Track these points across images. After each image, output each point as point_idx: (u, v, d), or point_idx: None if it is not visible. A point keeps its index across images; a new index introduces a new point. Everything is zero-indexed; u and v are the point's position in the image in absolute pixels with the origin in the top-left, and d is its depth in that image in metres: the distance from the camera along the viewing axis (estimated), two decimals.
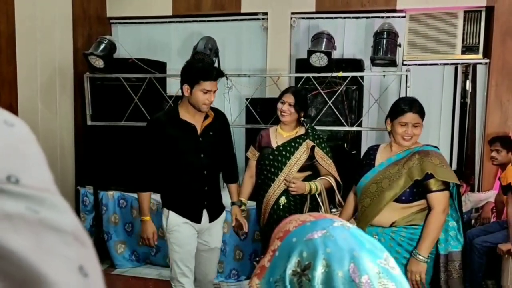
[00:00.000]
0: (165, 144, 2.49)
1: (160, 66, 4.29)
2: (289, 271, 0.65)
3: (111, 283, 3.70)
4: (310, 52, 3.50)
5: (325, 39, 3.58)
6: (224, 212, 2.76)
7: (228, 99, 4.09)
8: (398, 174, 2.20)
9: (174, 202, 2.58)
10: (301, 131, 2.80)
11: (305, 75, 3.70)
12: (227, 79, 3.90)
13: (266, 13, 4.40)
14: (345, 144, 3.81)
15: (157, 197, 3.41)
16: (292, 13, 4.36)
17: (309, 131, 2.79)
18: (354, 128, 3.72)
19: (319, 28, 4.07)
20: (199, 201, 2.56)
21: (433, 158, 2.17)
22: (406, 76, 3.54)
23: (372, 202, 2.25)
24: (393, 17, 4.20)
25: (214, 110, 2.63)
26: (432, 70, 4.27)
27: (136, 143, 2.73)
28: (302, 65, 3.82)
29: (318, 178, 2.73)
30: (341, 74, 3.56)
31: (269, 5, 4.36)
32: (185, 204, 2.56)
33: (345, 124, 3.70)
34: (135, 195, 4.09)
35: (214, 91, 2.47)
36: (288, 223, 0.73)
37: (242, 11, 4.44)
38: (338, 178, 2.74)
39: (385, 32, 3.54)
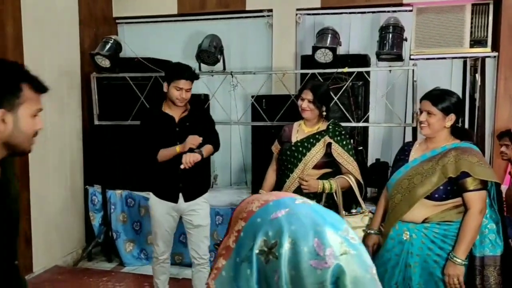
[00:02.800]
0: (151, 132, 2.87)
1: (166, 65, 4.30)
2: (256, 251, 0.66)
3: (120, 281, 3.73)
4: (315, 48, 3.48)
5: (330, 35, 3.55)
6: (207, 193, 3.04)
7: (234, 96, 4.09)
8: (431, 171, 2.12)
9: (154, 184, 2.97)
10: (323, 126, 2.70)
11: (310, 71, 3.68)
12: (232, 76, 3.90)
13: (271, 10, 4.38)
14: (352, 140, 3.78)
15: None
16: (297, 10, 4.34)
17: (330, 127, 2.69)
18: (361, 124, 3.69)
19: (324, 24, 4.04)
20: (174, 183, 2.88)
21: (470, 156, 2.08)
22: (413, 70, 3.50)
23: (404, 198, 2.18)
24: (399, 11, 4.16)
25: (193, 104, 2.98)
26: (440, 64, 4.22)
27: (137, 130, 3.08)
28: (307, 61, 3.80)
29: (336, 177, 2.62)
30: (346, 70, 3.54)
31: (274, 2, 4.35)
32: (162, 186, 2.93)
33: (351, 120, 3.67)
34: (142, 193, 4.13)
35: (187, 90, 2.81)
36: (250, 203, 0.74)
37: (247, 8, 4.43)
38: (359, 177, 2.63)
39: (391, 27, 3.50)
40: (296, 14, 4.33)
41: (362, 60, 3.79)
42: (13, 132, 1.32)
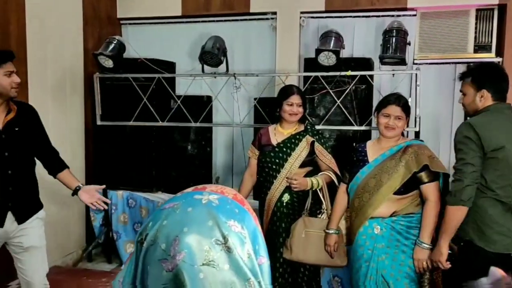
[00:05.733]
0: None
1: (169, 66, 4.31)
2: (137, 237, 0.66)
3: None
4: (318, 51, 3.48)
5: (333, 38, 3.55)
6: (42, 211, 2.58)
7: (237, 98, 4.09)
8: (396, 168, 2.33)
9: None
10: (300, 128, 2.87)
11: (313, 74, 3.68)
12: (235, 78, 3.90)
13: (275, 13, 4.38)
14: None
15: None
16: (302, 13, 4.34)
17: (308, 127, 2.86)
18: (363, 128, 3.68)
19: (328, 27, 4.04)
20: (2, 203, 2.35)
21: (426, 150, 2.34)
22: (416, 74, 3.49)
23: (372, 196, 2.36)
24: (403, 15, 4.15)
25: (19, 103, 2.48)
26: (444, 69, 4.21)
27: None
28: (310, 64, 3.80)
29: (319, 174, 2.77)
30: (349, 73, 3.54)
31: (278, 5, 4.35)
32: None
33: (354, 123, 3.66)
34: (144, 194, 4.12)
35: (16, 72, 2.37)
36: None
37: (251, 10, 4.43)
38: (338, 172, 2.79)
39: (394, 30, 3.50)
40: (300, 17, 4.33)
41: (365, 63, 3.79)
42: None
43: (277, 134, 2.88)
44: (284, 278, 2.78)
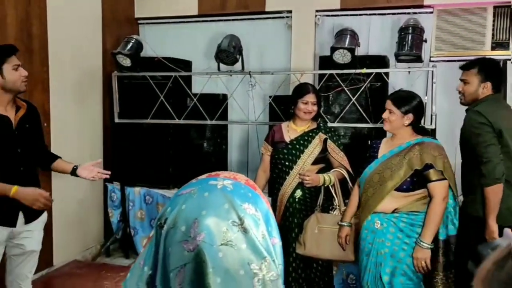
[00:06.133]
0: None
1: (185, 65, 4.37)
2: (156, 222, 0.69)
3: None
4: (333, 49, 3.49)
5: (348, 36, 3.55)
6: (45, 213, 2.53)
7: (252, 96, 4.12)
8: (399, 165, 2.36)
9: None
10: (313, 125, 2.91)
11: (328, 72, 3.69)
12: (250, 76, 3.93)
13: (290, 11, 4.40)
14: (369, 141, 3.77)
15: None
16: (317, 11, 4.34)
17: (321, 125, 2.91)
18: (378, 125, 3.67)
19: (343, 25, 4.04)
20: (14, 201, 2.25)
21: (432, 149, 2.33)
22: (432, 72, 3.48)
23: (375, 192, 2.40)
24: (420, 13, 4.13)
25: (25, 100, 2.49)
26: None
27: None
28: (325, 62, 3.81)
29: (332, 170, 2.81)
30: (364, 70, 3.54)
31: (294, 3, 4.36)
32: (0, 207, 2.28)
33: (369, 121, 3.66)
34: (160, 191, 4.19)
35: (18, 65, 2.32)
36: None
37: (267, 9, 4.46)
38: (350, 169, 2.83)
39: (410, 28, 3.49)
40: (316, 16, 4.34)
41: (380, 61, 3.78)
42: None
43: (290, 131, 2.93)
44: (297, 273, 2.82)
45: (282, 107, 3.91)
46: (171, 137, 4.23)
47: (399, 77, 4.13)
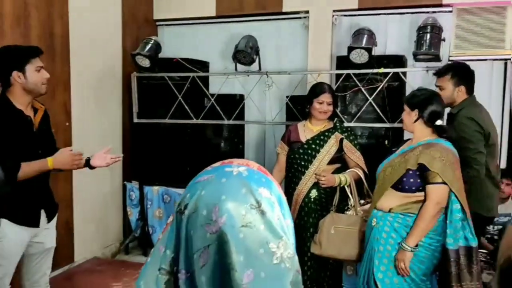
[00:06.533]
0: (5, 136, 2.20)
1: (203, 65, 4.42)
2: (176, 208, 0.72)
3: None
4: (350, 49, 3.49)
5: (365, 35, 3.55)
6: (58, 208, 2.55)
7: (268, 96, 4.14)
8: (399, 163, 2.35)
9: (8, 206, 2.22)
10: (329, 125, 2.91)
11: (345, 71, 3.69)
12: (267, 77, 3.95)
13: (307, 12, 4.40)
14: (386, 141, 3.75)
15: None
16: (334, 11, 4.34)
17: (337, 124, 2.90)
18: (396, 125, 3.66)
19: (361, 25, 4.03)
20: (37, 202, 2.32)
21: (434, 151, 2.24)
22: None
23: (378, 188, 2.42)
24: (439, 12, 4.09)
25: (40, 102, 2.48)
26: (481, 66, 4.10)
27: None
28: (343, 62, 3.81)
29: (347, 170, 2.80)
30: (382, 70, 3.53)
31: (311, 3, 4.37)
32: (22, 207, 2.27)
33: (386, 121, 3.65)
34: (178, 190, 4.23)
35: (41, 67, 2.31)
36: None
37: (284, 10, 4.47)
38: (366, 170, 2.82)
39: (428, 27, 3.46)
40: (333, 15, 4.34)
41: (398, 60, 3.76)
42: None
43: (306, 131, 2.92)
44: (311, 272, 2.82)
45: (298, 107, 3.92)
46: (188, 137, 4.28)
47: (417, 77, 4.10)
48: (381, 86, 3.58)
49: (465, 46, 4.13)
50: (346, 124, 3.33)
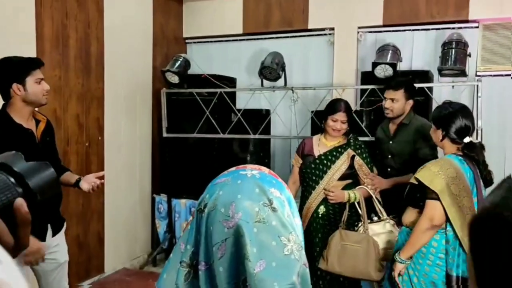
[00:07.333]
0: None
1: (230, 81, 4.54)
2: (197, 207, 0.80)
3: None
4: (374, 64, 3.53)
5: (390, 51, 3.59)
6: (65, 223, 2.56)
7: (294, 111, 4.21)
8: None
9: None
10: (343, 140, 2.89)
11: (369, 87, 3.73)
12: (293, 92, 4.03)
13: (332, 28, 4.48)
14: None
15: None
16: (359, 27, 4.40)
17: (351, 140, 2.88)
18: None
19: (386, 41, 4.07)
20: (44, 216, 2.30)
21: (434, 166, 2.23)
22: (477, 86, 3.44)
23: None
24: (465, 27, 4.10)
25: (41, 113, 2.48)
26: (507, 81, 4.09)
27: None
28: (367, 77, 3.85)
29: (358, 187, 2.79)
30: None
31: (336, 20, 4.45)
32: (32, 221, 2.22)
33: None
34: None
35: (40, 79, 2.29)
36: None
37: (309, 27, 4.56)
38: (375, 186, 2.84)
39: (454, 42, 3.48)
40: (358, 32, 4.40)
41: (423, 76, 3.77)
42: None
43: (320, 145, 2.92)
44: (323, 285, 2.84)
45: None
46: (215, 151, 4.38)
47: (443, 92, 4.10)
48: None
49: (492, 62, 4.12)
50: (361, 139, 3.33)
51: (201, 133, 4.31)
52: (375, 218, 2.71)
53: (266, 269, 0.76)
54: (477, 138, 3.50)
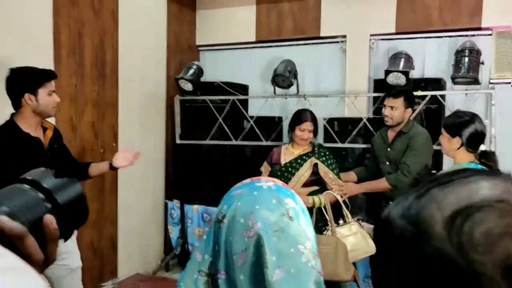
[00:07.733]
0: (8, 163, 2.17)
1: (243, 89, 4.57)
2: (215, 218, 0.83)
3: None
4: (387, 72, 3.54)
5: (403, 59, 3.59)
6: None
7: None
8: None
9: None
10: (308, 148, 3.01)
11: (382, 94, 3.72)
12: (305, 99, 4.05)
13: (345, 36, 4.50)
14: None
15: None
16: (371, 35, 4.41)
17: (315, 149, 3.00)
18: (435, 147, 3.64)
19: (398, 48, 4.08)
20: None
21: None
22: (491, 94, 3.42)
23: None
24: (478, 35, 4.09)
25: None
26: None
27: None
28: (380, 85, 3.86)
29: (324, 192, 2.90)
30: (419, 93, 3.54)
31: (348, 28, 4.46)
32: None
33: None
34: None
35: (55, 91, 2.37)
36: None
37: (322, 35, 4.59)
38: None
39: (467, 50, 3.47)
40: (370, 40, 4.41)
41: (436, 83, 3.77)
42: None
43: (287, 154, 3.05)
44: None
45: (336, 129, 3.98)
46: (228, 158, 4.41)
47: (457, 100, 4.08)
48: (419, 109, 3.60)
49: (505, 69, 4.09)
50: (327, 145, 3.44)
51: (214, 140, 4.35)
52: (341, 222, 2.83)
53: (284, 277, 0.79)
54: (490, 146, 3.48)
